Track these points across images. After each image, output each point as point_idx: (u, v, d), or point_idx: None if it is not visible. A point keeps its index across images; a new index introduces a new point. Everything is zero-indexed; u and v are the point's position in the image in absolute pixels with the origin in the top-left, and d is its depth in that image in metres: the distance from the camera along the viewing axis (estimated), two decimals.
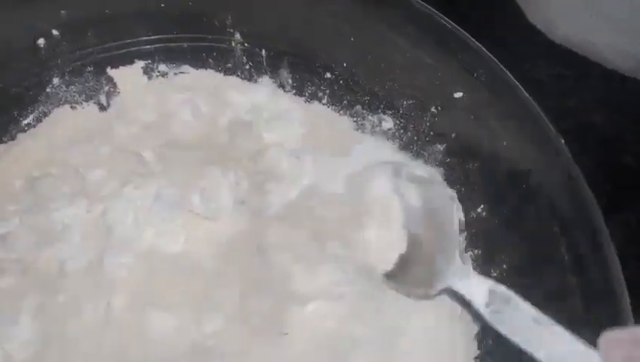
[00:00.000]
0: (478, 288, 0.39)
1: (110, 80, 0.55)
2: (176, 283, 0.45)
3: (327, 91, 0.56)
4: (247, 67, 0.57)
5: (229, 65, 0.56)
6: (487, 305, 0.38)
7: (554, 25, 0.76)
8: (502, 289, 0.39)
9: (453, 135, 0.51)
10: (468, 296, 0.40)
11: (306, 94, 0.57)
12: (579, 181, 0.41)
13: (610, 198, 0.63)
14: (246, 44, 0.55)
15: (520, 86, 0.45)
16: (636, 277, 0.56)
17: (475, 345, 0.45)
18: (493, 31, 0.77)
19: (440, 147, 0.52)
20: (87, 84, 0.54)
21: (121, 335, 0.42)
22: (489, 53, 0.46)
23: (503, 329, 0.37)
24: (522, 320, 0.36)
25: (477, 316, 0.44)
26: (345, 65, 0.54)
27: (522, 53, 0.75)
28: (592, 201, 0.40)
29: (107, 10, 0.51)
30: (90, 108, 0.55)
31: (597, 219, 0.39)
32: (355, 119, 0.56)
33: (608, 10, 0.69)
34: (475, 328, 0.46)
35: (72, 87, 0.53)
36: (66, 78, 0.53)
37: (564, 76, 0.75)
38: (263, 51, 0.56)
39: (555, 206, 0.42)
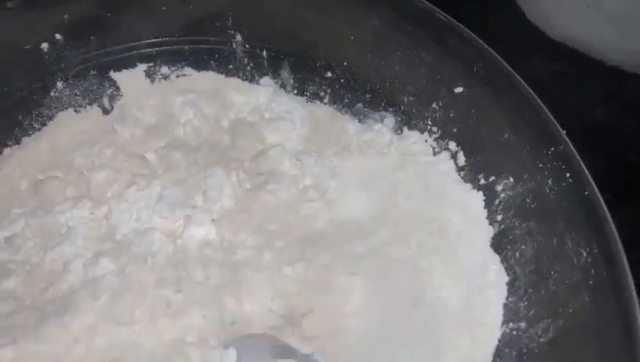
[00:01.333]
0: None
1: (113, 83, 0.55)
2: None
3: (329, 90, 0.57)
4: (249, 68, 0.57)
5: (231, 66, 0.57)
6: None
7: (553, 22, 0.76)
8: None
9: (454, 130, 0.51)
10: None
11: (308, 94, 0.57)
12: (581, 172, 0.41)
13: (615, 195, 0.63)
14: (247, 46, 0.56)
15: (519, 77, 0.45)
16: None
17: None
18: (492, 30, 0.76)
19: (442, 143, 0.52)
20: (90, 88, 0.54)
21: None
22: (486, 46, 0.46)
23: None
24: None
25: None
26: (345, 64, 0.55)
27: (521, 51, 0.74)
28: (596, 193, 0.40)
29: (109, 14, 0.52)
30: (94, 111, 0.55)
31: (601, 213, 0.39)
32: (357, 117, 0.56)
33: (608, 6, 0.69)
34: None
35: (76, 90, 0.54)
36: (70, 81, 0.53)
37: (564, 74, 0.75)
38: (264, 52, 0.56)
39: (559, 200, 0.42)
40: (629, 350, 0.35)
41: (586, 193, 0.40)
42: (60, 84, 0.53)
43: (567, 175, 0.42)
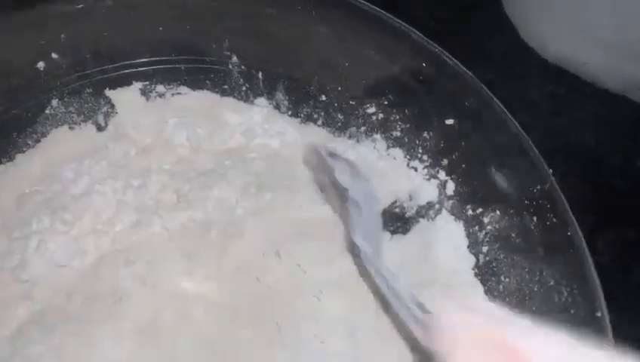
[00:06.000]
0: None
1: (108, 101, 0.55)
2: None
3: (322, 113, 0.57)
4: (244, 89, 0.57)
5: (226, 86, 0.57)
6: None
7: (546, 44, 0.77)
8: None
9: (444, 160, 0.52)
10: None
11: (302, 116, 0.58)
12: (565, 213, 0.42)
13: (598, 219, 0.64)
14: (243, 67, 0.56)
15: (509, 115, 0.46)
16: (621, 294, 0.58)
17: None
18: (486, 48, 0.78)
19: (432, 171, 0.53)
20: (85, 105, 0.54)
21: None
22: (480, 83, 0.47)
23: None
24: None
25: None
26: (339, 89, 0.55)
27: (515, 70, 0.76)
28: (579, 235, 0.41)
29: (105, 34, 0.52)
30: (88, 128, 0.55)
31: (582, 255, 0.40)
32: (350, 140, 0.57)
33: (598, 31, 0.70)
34: None
35: (71, 108, 0.54)
36: (65, 99, 0.53)
37: (556, 95, 0.76)
38: (260, 74, 0.57)
39: (542, 238, 0.44)
40: None
41: (569, 234, 0.42)
42: (54, 102, 0.53)
43: (552, 215, 0.43)
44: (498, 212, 0.48)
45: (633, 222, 0.65)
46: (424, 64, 0.49)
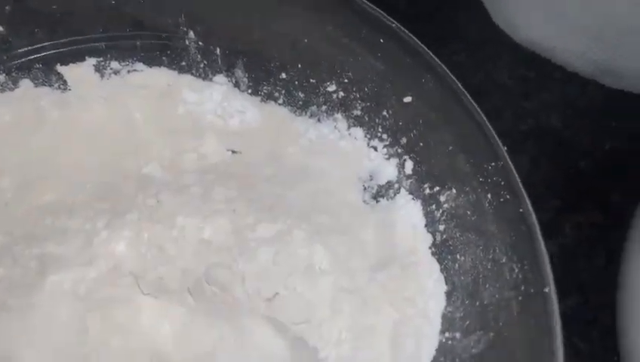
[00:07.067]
0: None
1: (60, 77, 0.54)
2: None
3: (283, 91, 0.56)
4: (202, 65, 0.56)
5: (183, 63, 0.56)
6: None
7: (517, 27, 0.76)
8: None
9: (403, 138, 0.51)
10: None
11: (262, 94, 0.57)
12: (517, 190, 0.42)
13: (565, 201, 0.65)
14: (200, 43, 0.55)
15: (465, 92, 0.45)
16: (586, 276, 0.58)
17: None
18: (457, 31, 0.77)
19: (391, 150, 0.53)
20: (35, 82, 0.53)
21: None
22: (437, 59, 0.46)
23: None
24: None
25: None
26: (300, 66, 0.54)
27: (486, 53, 0.76)
28: (530, 212, 0.41)
29: (54, 6, 0.50)
30: None
31: (533, 232, 0.40)
32: (311, 119, 0.56)
33: (568, 15, 0.70)
34: None
35: (20, 83, 0.52)
36: (13, 75, 0.52)
37: (526, 78, 0.76)
38: (218, 50, 0.55)
39: (496, 215, 0.43)
40: None
41: (521, 211, 0.41)
42: (1, 77, 0.51)
43: (505, 191, 0.42)
44: (454, 190, 0.47)
45: (599, 205, 0.66)
46: (381, 40, 0.48)
